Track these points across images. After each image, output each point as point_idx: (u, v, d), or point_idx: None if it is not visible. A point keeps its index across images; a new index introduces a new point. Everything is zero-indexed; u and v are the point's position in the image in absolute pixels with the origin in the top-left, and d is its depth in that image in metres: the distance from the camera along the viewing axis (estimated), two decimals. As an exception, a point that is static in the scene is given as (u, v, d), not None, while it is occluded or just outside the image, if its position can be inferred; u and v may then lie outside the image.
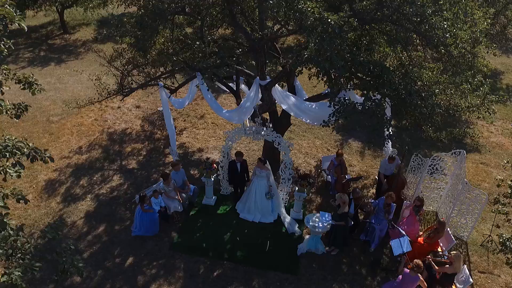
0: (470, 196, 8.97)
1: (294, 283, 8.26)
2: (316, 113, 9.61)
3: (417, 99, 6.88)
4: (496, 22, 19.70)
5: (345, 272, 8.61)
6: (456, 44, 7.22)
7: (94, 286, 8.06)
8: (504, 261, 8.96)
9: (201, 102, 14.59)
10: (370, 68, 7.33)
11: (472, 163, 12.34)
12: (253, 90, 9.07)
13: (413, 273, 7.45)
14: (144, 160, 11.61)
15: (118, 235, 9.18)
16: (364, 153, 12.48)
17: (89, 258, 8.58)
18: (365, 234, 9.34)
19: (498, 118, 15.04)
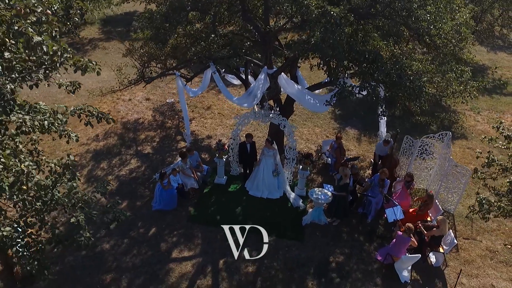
0: (456, 172, 10.27)
1: (300, 248, 9.46)
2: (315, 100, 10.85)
3: (406, 81, 8.15)
4: (483, 20, 21.24)
5: (345, 240, 9.84)
6: (439, 35, 8.51)
7: (122, 252, 9.19)
8: (486, 229, 10.33)
9: (207, 95, 15.81)
10: (365, 56, 8.59)
11: (459, 148, 13.68)
12: (261, 78, 10.28)
13: (405, 235, 8.70)
14: (158, 146, 12.77)
15: (139, 209, 10.32)
16: (361, 139, 13.77)
17: (116, 229, 9.67)
18: (362, 207, 10.57)
19: (485, 109, 16.42)
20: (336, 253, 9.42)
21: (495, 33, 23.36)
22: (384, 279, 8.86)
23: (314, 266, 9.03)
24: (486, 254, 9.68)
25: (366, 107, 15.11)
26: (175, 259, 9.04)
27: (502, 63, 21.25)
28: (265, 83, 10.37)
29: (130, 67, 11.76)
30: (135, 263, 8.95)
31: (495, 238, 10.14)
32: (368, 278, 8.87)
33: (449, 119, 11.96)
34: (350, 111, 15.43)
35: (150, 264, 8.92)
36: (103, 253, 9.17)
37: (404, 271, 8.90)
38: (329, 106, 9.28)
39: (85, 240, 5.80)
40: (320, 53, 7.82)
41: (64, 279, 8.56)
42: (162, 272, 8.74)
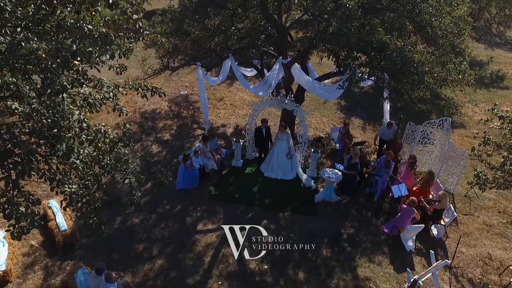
0: (455, 154, 11.34)
1: (314, 222, 10.50)
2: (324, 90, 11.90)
3: (410, 67, 9.21)
4: (481, 18, 22.44)
5: (354, 215, 10.89)
6: (440, 26, 9.59)
7: (151, 225, 10.19)
8: (483, 207, 11.41)
9: (218, 88, 16.84)
10: (373, 45, 9.65)
11: (458, 136, 14.80)
12: (276, 67, 11.32)
13: (409, 207, 9.77)
14: (176, 133, 13.79)
15: (164, 189, 11.27)
16: (366, 128, 14.86)
17: (144, 206, 10.68)
18: (369, 187, 11.63)
19: (482, 101, 17.60)
20: (347, 226, 10.47)
21: (493, 30, 24.58)
22: (391, 248, 9.91)
23: (327, 237, 10.07)
24: (483, 227, 10.75)
25: (370, 100, 16.24)
26: (200, 231, 10.05)
27: (499, 59, 22.44)
28: (279, 73, 11.40)
29: (152, 58, 12.79)
30: (163, 234, 9.95)
31: (491, 214, 11.21)
32: (376, 247, 9.91)
33: (449, 107, 13.00)
34: (355, 102, 16.53)
35: (178, 235, 9.92)
36: (134, 226, 10.17)
37: (409, 241, 9.95)
38: (341, 91, 10.32)
39: (137, 198, 6.81)
40: (336, 42, 8.84)
41: (100, 249, 9.53)
42: (189, 242, 9.75)
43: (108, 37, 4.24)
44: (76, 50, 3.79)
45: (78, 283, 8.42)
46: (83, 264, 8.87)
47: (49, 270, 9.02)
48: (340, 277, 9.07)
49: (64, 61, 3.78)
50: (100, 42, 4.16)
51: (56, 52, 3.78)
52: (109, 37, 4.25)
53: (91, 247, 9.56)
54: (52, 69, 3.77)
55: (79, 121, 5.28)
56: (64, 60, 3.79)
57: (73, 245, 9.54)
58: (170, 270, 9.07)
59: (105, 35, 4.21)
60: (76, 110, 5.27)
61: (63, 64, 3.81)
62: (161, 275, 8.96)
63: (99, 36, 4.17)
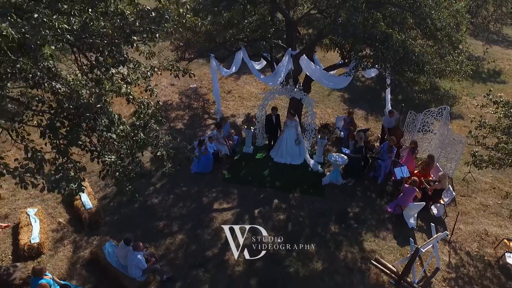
0: (453, 140, 12.24)
1: (322, 202, 11.36)
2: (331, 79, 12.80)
3: (412, 55, 10.11)
4: (479, 15, 23.46)
5: (360, 196, 11.76)
6: (439, 18, 10.49)
7: (170, 205, 11.02)
8: (479, 189, 12.30)
9: (226, 81, 17.72)
10: (376, 36, 10.54)
11: (457, 126, 15.70)
12: (285, 59, 12.19)
13: (411, 187, 10.64)
14: (188, 123, 14.65)
15: (180, 172, 12.08)
16: (368, 118, 15.76)
17: (162, 188, 11.54)
18: (373, 171, 12.51)
19: (479, 94, 18.51)
20: (353, 205, 11.34)
21: (491, 28, 25.63)
22: (394, 226, 10.77)
23: (335, 215, 10.93)
24: (480, 207, 11.65)
25: (372, 93, 17.17)
26: (216, 210, 10.89)
27: (496, 55, 23.40)
28: (289, 64, 12.28)
29: (166, 51, 13.63)
30: (182, 213, 10.78)
31: (487, 195, 12.12)
32: (380, 224, 10.78)
33: (447, 97, 13.91)
34: (357, 95, 17.44)
35: (195, 214, 10.76)
36: (154, 205, 10.99)
37: (411, 219, 10.82)
38: (349, 79, 11.21)
39: (168, 170, 7.65)
40: (343, 32, 9.70)
41: (123, 226, 10.34)
42: (206, 219, 10.58)
43: (164, 15, 5.06)
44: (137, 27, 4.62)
45: (106, 254, 9.23)
46: (109, 238, 9.69)
47: (77, 244, 9.82)
48: (348, 249, 9.92)
49: (126, 37, 4.61)
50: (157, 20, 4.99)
51: (119, 29, 4.61)
52: (165, 15, 5.06)
53: (114, 224, 10.38)
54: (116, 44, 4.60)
55: (126, 94, 6.11)
56: (127, 36, 4.62)
57: (98, 223, 10.34)
58: (190, 244, 9.90)
59: (161, 14, 5.03)
60: (124, 85, 6.11)
61: (126, 39, 4.64)
62: (181, 248, 9.78)
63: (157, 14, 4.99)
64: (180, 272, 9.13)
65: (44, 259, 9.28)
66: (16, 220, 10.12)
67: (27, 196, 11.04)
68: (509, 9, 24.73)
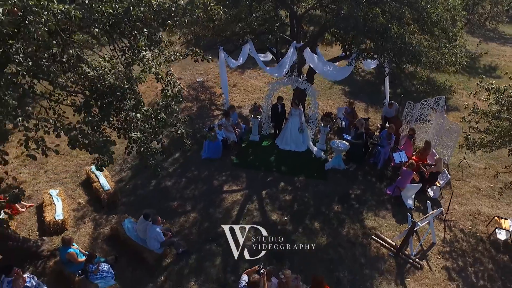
0: (449, 128, 13.12)
1: (325, 185, 12.21)
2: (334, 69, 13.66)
3: (409, 46, 10.98)
4: (475, 12, 24.42)
5: (361, 180, 12.62)
6: (435, 12, 11.38)
7: (182, 187, 11.85)
8: (473, 174, 13.17)
9: (231, 75, 18.58)
10: (376, 29, 11.41)
11: (453, 117, 16.57)
12: (290, 51, 13.06)
13: (409, 169, 11.51)
14: (197, 113, 15.49)
15: (190, 158, 12.98)
16: (368, 110, 16.65)
17: (173, 172, 12.37)
18: (373, 158, 13.38)
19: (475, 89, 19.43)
20: (354, 188, 12.19)
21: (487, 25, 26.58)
22: (393, 206, 11.62)
23: (337, 196, 11.78)
24: (473, 190, 12.52)
25: (371, 87, 18.06)
26: (226, 191, 11.73)
27: (493, 52, 24.36)
28: (293, 56, 13.15)
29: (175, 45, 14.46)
30: (194, 194, 11.61)
31: (481, 179, 13.00)
32: (380, 204, 11.63)
33: (443, 88, 14.77)
34: (358, 89, 18.34)
35: (207, 194, 11.58)
36: (167, 187, 11.82)
37: (409, 199, 11.68)
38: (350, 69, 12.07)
39: (188, 146, 8.50)
40: (345, 25, 10.56)
41: (139, 205, 11.15)
42: (217, 200, 11.41)
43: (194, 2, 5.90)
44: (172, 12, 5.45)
45: (126, 229, 10.04)
46: (128, 215, 10.51)
47: (97, 221, 10.64)
48: (350, 226, 10.77)
49: (162, 21, 5.45)
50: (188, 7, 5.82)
51: (156, 14, 5.44)
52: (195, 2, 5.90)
53: (131, 204, 11.20)
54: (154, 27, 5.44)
55: (155, 73, 6.96)
56: (162, 20, 5.46)
57: (116, 203, 11.16)
58: (202, 221, 10.72)
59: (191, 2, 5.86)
60: (154, 64, 6.96)
61: (162, 23, 5.48)
62: (195, 225, 10.61)
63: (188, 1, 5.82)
64: (194, 245, 9.96)
65: (68, 234, 10.09)
66: (39, 200, 10.93)
67: (47, 179, 11.86)
68: (505, 7, 25.73)
